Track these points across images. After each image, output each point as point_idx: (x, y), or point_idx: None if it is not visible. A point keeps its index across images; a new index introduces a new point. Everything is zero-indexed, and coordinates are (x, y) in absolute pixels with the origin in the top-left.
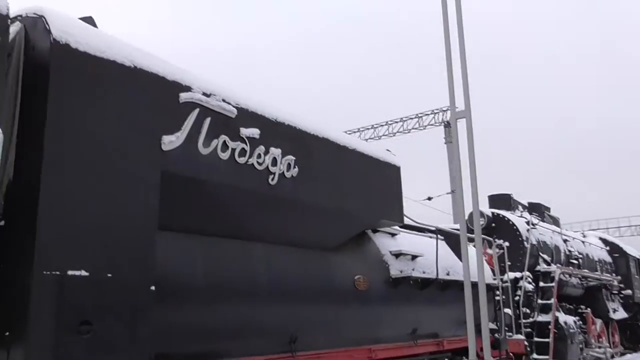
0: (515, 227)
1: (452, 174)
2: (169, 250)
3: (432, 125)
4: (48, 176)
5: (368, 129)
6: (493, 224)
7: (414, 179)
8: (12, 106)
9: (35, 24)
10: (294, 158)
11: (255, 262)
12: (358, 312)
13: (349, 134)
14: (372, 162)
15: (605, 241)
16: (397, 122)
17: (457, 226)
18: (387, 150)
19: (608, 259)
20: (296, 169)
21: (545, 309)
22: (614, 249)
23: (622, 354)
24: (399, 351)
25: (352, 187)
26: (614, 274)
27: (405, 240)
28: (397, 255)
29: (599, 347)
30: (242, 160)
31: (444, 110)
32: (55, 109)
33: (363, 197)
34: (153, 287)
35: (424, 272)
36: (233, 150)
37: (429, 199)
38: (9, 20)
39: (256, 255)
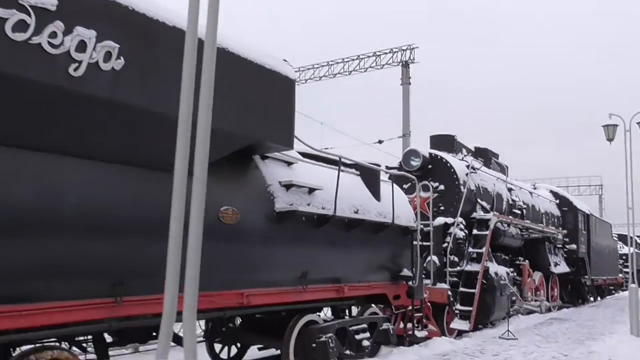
0: (452, 170)
1: (405, 117)
2: None
3: (389, 64)
4: None
5: (323, 65)
6: (430, 166)
7: (367, 121)
8: None
9: None
10: (118, 46)
11: (56, 182)
12: (224, 250)
13: (304, 70)
14: (252, 69)
15: (555, 194)
16: (354, 59)
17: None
18: (284, 60)
19: (556, 212)
20: (121, 61)
21: (477, 258)
22: (563, 202)
23: (560, 308)
24: (281, 297)
25: (218, 96)
26: (560, 228)
27: (304, 171)
28: (288, 186)
29: (535, 300)
30: (19, 36)
31: (403, 50)
32: None
33: (234, 111)
34: None
35: (323, 208)
36: (2, 20)
37: (380, 142)
38: None
39: (57, 173)
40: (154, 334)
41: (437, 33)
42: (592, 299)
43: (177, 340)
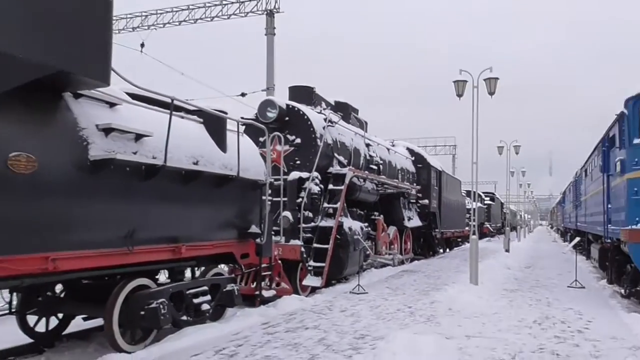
0: (309, 123)
1: (269, 69)
2: None
3: (254, 12)
4: None
5: (184, 9)
6: (287, 118)
7: (232, 72)
8: None
9: None
10: None
11: None
12: (16, 205)
13: (161, 14)
14: None
15: (412, 151)
16: (216, 4)
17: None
18: None
19: (412, 168)
20: None
21: (332, 214)
22: (419, 159)
23: (412, 260)
24: (100, 260)
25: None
26: (414, 184)
27: (132, 115)
28: (107, 130)
29: (389, 254)
30: None
31: None
32: None
33: (21, 30)
34: None
35: (153, 158)
36: None
37: (243, 95)
38: None
39: None
40: None
41: None
42: (441, 250)
43: None
